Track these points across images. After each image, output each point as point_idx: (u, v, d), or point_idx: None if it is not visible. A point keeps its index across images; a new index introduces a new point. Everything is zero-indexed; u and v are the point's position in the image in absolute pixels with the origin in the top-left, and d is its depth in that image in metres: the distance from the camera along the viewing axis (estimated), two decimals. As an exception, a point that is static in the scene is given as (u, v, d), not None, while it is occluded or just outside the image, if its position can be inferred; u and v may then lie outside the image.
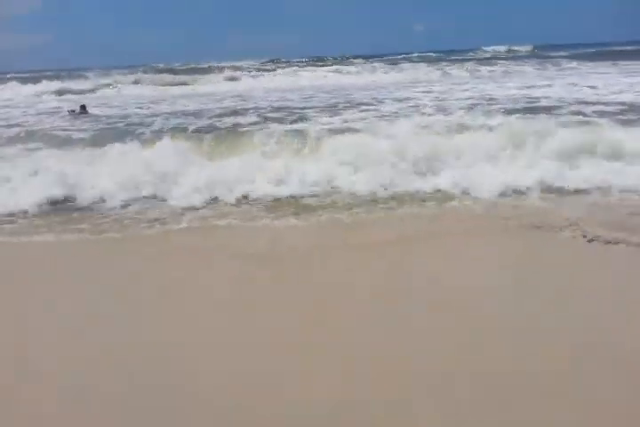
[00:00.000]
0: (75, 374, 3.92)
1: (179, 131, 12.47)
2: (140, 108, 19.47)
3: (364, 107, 15.92)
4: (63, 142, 12.14)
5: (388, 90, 22.17)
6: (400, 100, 17.44)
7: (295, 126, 12.45)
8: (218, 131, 12.35)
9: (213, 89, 28.06)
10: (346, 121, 12.68)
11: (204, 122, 14.40)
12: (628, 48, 46.71)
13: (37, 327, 4.70)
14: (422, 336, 4.20)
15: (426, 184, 8.35)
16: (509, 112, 12.86)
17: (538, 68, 33.43)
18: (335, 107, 16.14)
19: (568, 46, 62.85)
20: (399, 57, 53.57)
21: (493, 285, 5.21)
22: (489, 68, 34.19)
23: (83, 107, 17.47)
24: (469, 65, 36.11)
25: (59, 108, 19.57)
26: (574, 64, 33.94)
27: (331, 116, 13.74)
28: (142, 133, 12.47)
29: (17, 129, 14.20)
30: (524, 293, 4.99)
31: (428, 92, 20.20)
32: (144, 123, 14.53)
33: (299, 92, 22.41)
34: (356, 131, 11.09)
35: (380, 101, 17.39)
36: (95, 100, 22.91)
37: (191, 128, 12.98)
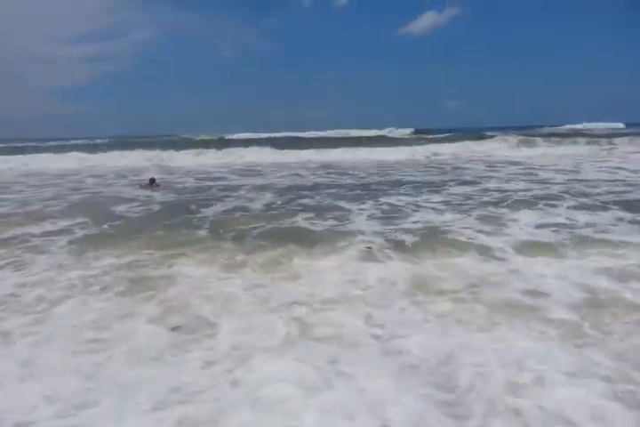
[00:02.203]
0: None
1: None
2: (218, 180, 17.21)
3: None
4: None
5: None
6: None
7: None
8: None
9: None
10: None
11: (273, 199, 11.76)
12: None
13: None
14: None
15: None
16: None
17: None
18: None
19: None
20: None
21: None
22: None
23: (152, 180, 15.54)
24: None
25: (135, 181, 17.39)
26: None
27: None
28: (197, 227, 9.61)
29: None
30: None
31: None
32: (211, 199, 12.25)
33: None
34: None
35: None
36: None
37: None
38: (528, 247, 7.12)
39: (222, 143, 35.62)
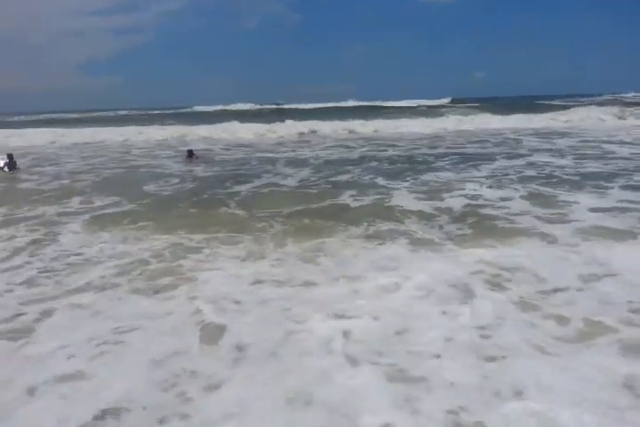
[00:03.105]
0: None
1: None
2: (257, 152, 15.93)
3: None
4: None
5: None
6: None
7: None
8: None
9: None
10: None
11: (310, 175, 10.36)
12: None
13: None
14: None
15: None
16: None
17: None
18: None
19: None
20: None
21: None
22: None
23: (190, 152, 14.48)
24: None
25: (179, 152, 16.35)
26: None
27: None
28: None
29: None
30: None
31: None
32: (249, 175, 11.05)
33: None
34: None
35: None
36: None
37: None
38: (601, 236, 5.71)
39: (255, 114, 33.70)
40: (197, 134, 23.42)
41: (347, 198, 8.08)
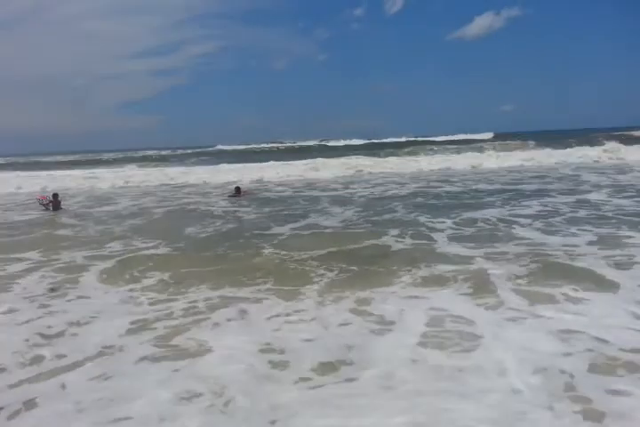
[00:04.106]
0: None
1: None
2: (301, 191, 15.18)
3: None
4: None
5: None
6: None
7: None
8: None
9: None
10: None
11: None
12: None
13: None
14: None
15: None
16: None
17: None
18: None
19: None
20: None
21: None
22: None
23: (237, 189, 14.08)
24: None
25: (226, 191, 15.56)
26: None
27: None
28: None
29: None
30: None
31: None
32: (295, 215, 10.22)
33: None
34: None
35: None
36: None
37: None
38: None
39: (296, 151, 32.54)
40: (243, 171, 21.87)
41: (390, 239, 7.20)
